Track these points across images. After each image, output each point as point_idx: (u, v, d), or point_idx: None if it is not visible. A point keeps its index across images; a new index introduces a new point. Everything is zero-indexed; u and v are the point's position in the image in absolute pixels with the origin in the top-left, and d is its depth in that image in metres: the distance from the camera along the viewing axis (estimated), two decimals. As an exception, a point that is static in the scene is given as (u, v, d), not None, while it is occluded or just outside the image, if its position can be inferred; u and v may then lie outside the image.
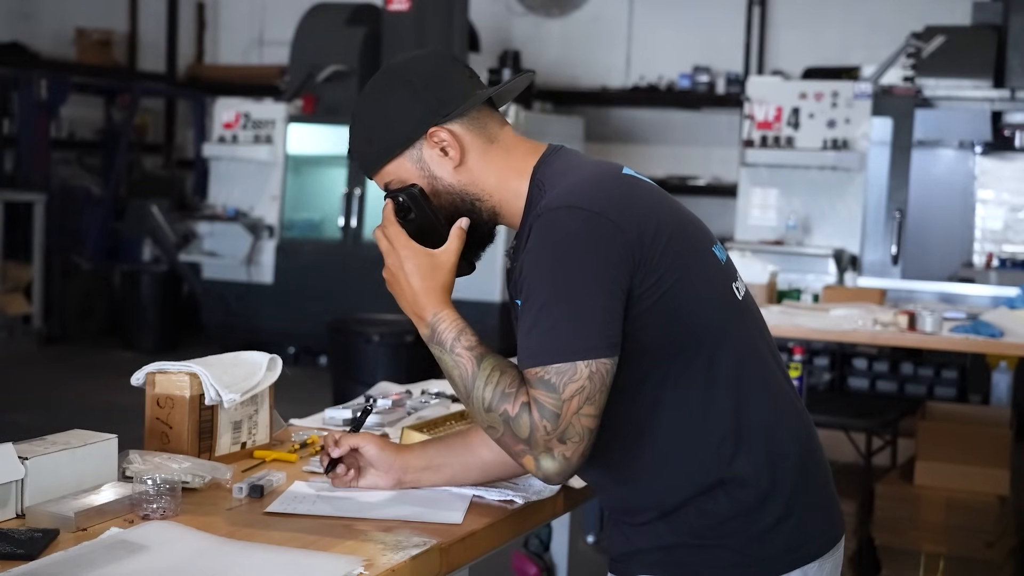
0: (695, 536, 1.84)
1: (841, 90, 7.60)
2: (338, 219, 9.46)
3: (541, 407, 1.74)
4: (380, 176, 1.96)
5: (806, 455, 1.91)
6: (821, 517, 1.92)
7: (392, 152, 1.93)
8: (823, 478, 1.95)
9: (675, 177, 10.48)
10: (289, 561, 1.69)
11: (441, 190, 1.93)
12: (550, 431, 1.74)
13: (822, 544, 1.91)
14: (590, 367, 1.74)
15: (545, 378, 1.74)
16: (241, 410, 2.26)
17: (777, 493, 1.84)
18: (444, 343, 1.84)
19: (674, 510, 1.85)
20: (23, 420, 6.80)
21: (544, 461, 1.75)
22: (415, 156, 1.92)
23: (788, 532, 1.85)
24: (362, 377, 6.31)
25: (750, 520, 1.83)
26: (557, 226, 1.78)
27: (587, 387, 1.73)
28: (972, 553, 4.48)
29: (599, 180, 1.86)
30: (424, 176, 1.92)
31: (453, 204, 1.93)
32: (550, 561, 3.31)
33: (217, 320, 9.83)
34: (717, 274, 1.89)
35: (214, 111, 9.95)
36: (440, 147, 1.91)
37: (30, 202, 10.05)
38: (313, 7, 10.08)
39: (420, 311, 1.88)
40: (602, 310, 1.75)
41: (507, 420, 1.77)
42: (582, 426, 1.74)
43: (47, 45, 11.38)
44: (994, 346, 4.57)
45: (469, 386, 1.81)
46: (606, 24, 11.11)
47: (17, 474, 1.82)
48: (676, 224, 1.86)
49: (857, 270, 7.52)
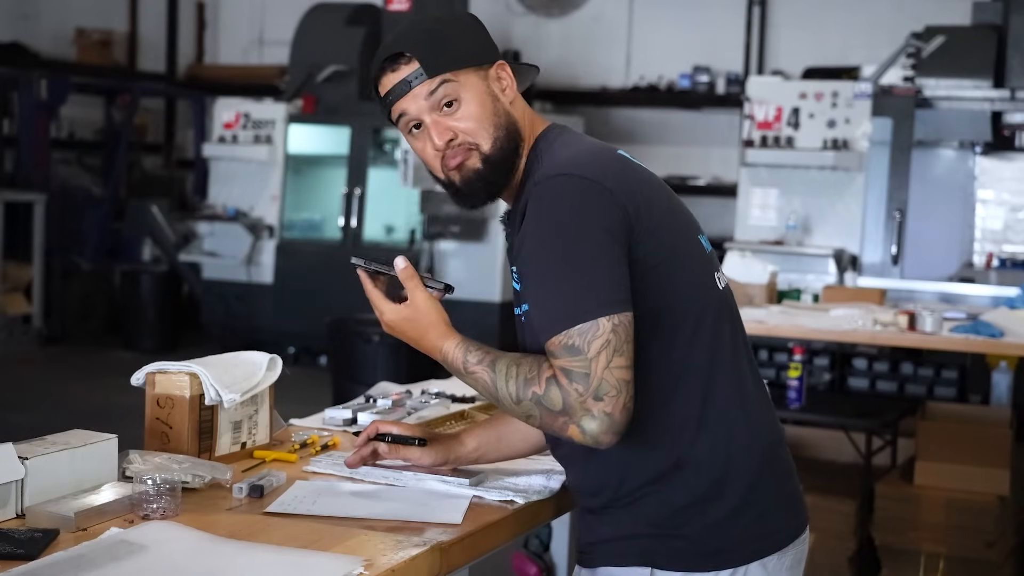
0: (652, 525, 1.87)
1: (841, 90, 7.60)
2: (338, 219, 9.47)
3: (569, 373, 1.76)
4: (441, 77, 1.91)
5: (768, 449, 1.93)
6: (782, 512, 1.95)
7: (467, 61, 1.93)
8: (785, 473, 1.97)
9: (675, 177, 10.48)
10: (289, 561, 1.69)
11: (502, 113, 1.94)
12: (583, 392, 1.75)
13: (782, 538, 1.93)
14: (612, 320, 1.76)
15: (568, 343, 1.76)
16: (241, 410, 2.26)
17: (733, 483, 1.87)
18: (459, 369, 1.89)
19: (632, 495, 1.88)
20: (23, 420, 6.81)
21: (587, 423, 1.76)
22: (484, 75, 1.95)
23: (745, 524, 1.88)
24: (362, 377, 6.31)
25: (703, 509, 1.86)
26: (556, 192, 1.82)
27: (612, 340, 1.75)
28: (972, 553, 4.48)
29: (594, 154, 1.91)
30: (488, 94, 1.94)
31: (507, 131, 1.94)
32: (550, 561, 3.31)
33: (217, 320, 9.84)
34: (702, 261, 1.93)
35: (214, 111, 9.95)
36: (501, 81, 1.95)
37: (30, 202, 10.05)
38: (313, 7, 10.09)
39: (429, 353, 1.95)
40: (609, 268, 1.78)
41: (538, 401, 1.79)
42: (616, 379, 1.75)
43: (47, 45, 11.39)
44: (994, 346, 4.57)
45: (494, 392, 1.85)
46: (606, 24, 11.12)
47: (17, 474, 1.82)
48: (667, 206, 1.91)
49: (857, 270, 7.51)
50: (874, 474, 4.86)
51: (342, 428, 2.54)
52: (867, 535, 4.70)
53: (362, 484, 2.11)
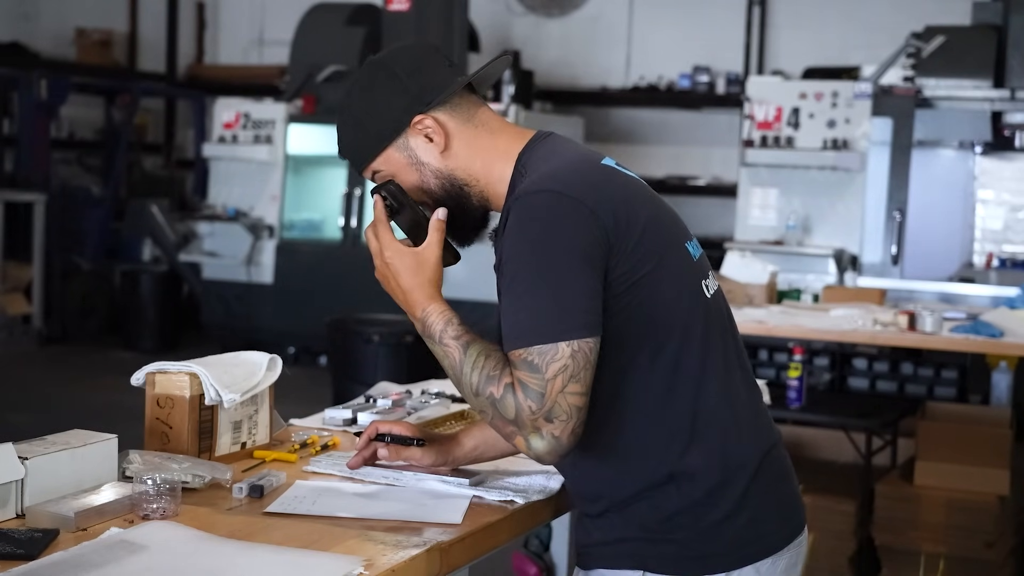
0: (644, 529, 1.87)
1: (841, 90, 7.60)
2: (338, 219, 9.47)
3: (525, 387, 1.77)
4: (370, 169, 2.00)
5: (762, 455, 1.93)
6: (776, 515, 1.94)
7: (380, 144, 1.97)
8: (780, 476, 1.97)
9: (675, 177, 10.48)
10: (289, 561, 1.69)
11: (430, 176, 1.96)
12: (535, 411, 1.76)
13: (776, 540, 1.92)
14: (572, 346, 1.76)
15: (528, 359, 1.77)
16: (241, 410, 2.26)
17: (727, 489, 1.87)
18: (433, 335, 1.88)
19: (626, 502, 1.88)
20: (23, 420, 6.81)
21: (534, 441, 1.78)
22: (402, 145, 1.96)
23: (737, 528, 1.87)
24: (362, 377, 6.30)
25: (697, 515, 1.86)
26: (534, 209, 1.82)
27: (570, 365, 1.76)
28: (972, 553, 4.48)
29: (577, 167, 1.89)
30: (412, 164, 1.96)
31: (443, 190, 1.97)
32: (550, 561, 3.31)
33: (217, 320, 9.83)
34: (688, 270, 1.92)
35: (214, 111, 9.95)
36: (425, 134, 1.95)
37: (30, 202, 10.05)
38: (313, 7, 10.09)
39: (411, 308, 1.93)
40: (582, 290, 1.78)
41: (493, 402, 1.80)
42: (568, 404, 1.76)
43: (47, 45, 11.39)
44: (994, 346, 4.57)
45: (458, 373, 1.85)
46: (606, 24, 11.11)
47: (17, 474, 1.82)
48: (651, 217, 1.89)
49: (857, 270, 7.51)
50: (874, 474, 4.86)
51: (342, 428, 2.54)
52: (867, 535, 4.70)
53: (362, 484, 2.11)
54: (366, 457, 2.14)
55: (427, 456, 2.13)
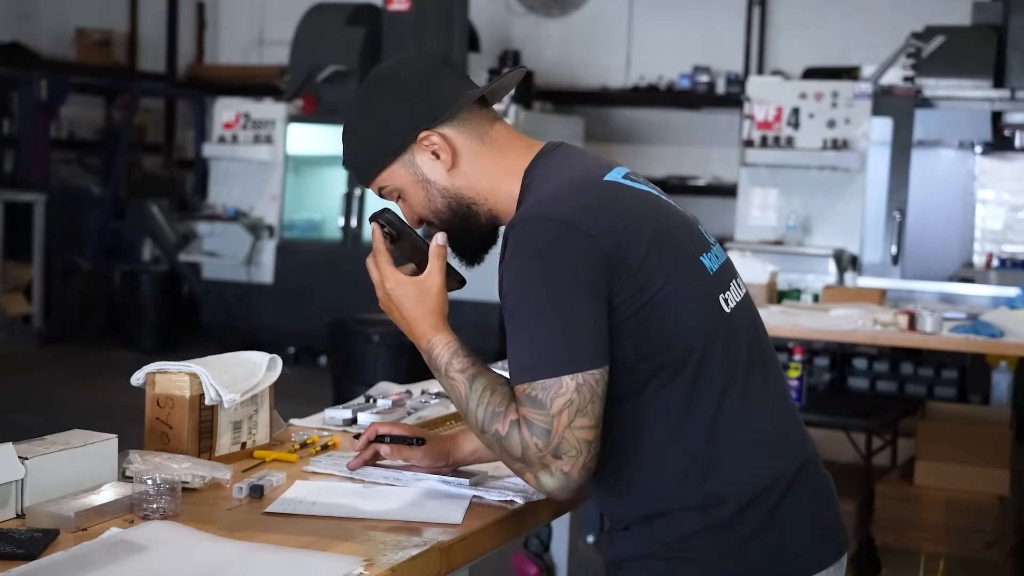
0: (664, 547, 1.82)
1: (841, 90, 7.60)
2: (338, 219, 9.47)
3: (531, 424, 1.72)
4: (375, 184, 1.95)
5: (796, 472, 1.86)
6: (809, 535, 1.85)
7: (384, 159, 1.92)
8: (815, 496, 1.89)
9: (675, 177, 10.48)
10: (289, 561, 1.69)
11: (436, 194, 1.92)
12: (542, 448, 1.72)
13: (807, 564, 1.85)
14: (576, 379, 1.71)
15: (532, 395, 1.72)
16: (241, 410, 2.26)
17: (751, 511, 1.80)
18: (439, 368, 1.85)
19: (648, 520, 1.84)
20: (23, 420, 6.80)
21: (543, 478, 1.74)
22: (408, 161, 1.91)
23: (766, 547, 1.80)
24: (362, 377, 6.30)
25: (720, 535, 1.79)
26: (530, 238, 1.76)
27: (576, 400, 1.71)
28: (972, 553, 4.48)
29: (575, 189, 1.82)
30: (418, 181, 1.91)
31: (450, 208, 1.92)
32: (550, 561, 3.31)
33: (217, 320, 9.83)
34: (702, 286, 1.83)
35: (214, 111, 9.95)
36: (431, 151, 1.90)
37: (30, 202, 10.05)
38: (313, 7, 10.09)
39: (415, 338, 1.89)
40: (583, 320, 1.73)
41: (499, 439, 1.76)
42: (577, 439, 1.71)
43: (47, 45, 11.39)
44: (994, 346, 4.57)
45: (464, 408, 1.82)
46: (606, 24, 11.11)
47: (17, 474, 1.82)
48: (658, 233, 1.80)
49: (857, 270, 7.51)
50: (874, 474, 4.86)
51: (342, 428, 2.54)
52: (867, 535, 4.70)
53: (362, 484, 2.10)
54: (366, 459, 2.13)
55: (427, 457, 2.12)
